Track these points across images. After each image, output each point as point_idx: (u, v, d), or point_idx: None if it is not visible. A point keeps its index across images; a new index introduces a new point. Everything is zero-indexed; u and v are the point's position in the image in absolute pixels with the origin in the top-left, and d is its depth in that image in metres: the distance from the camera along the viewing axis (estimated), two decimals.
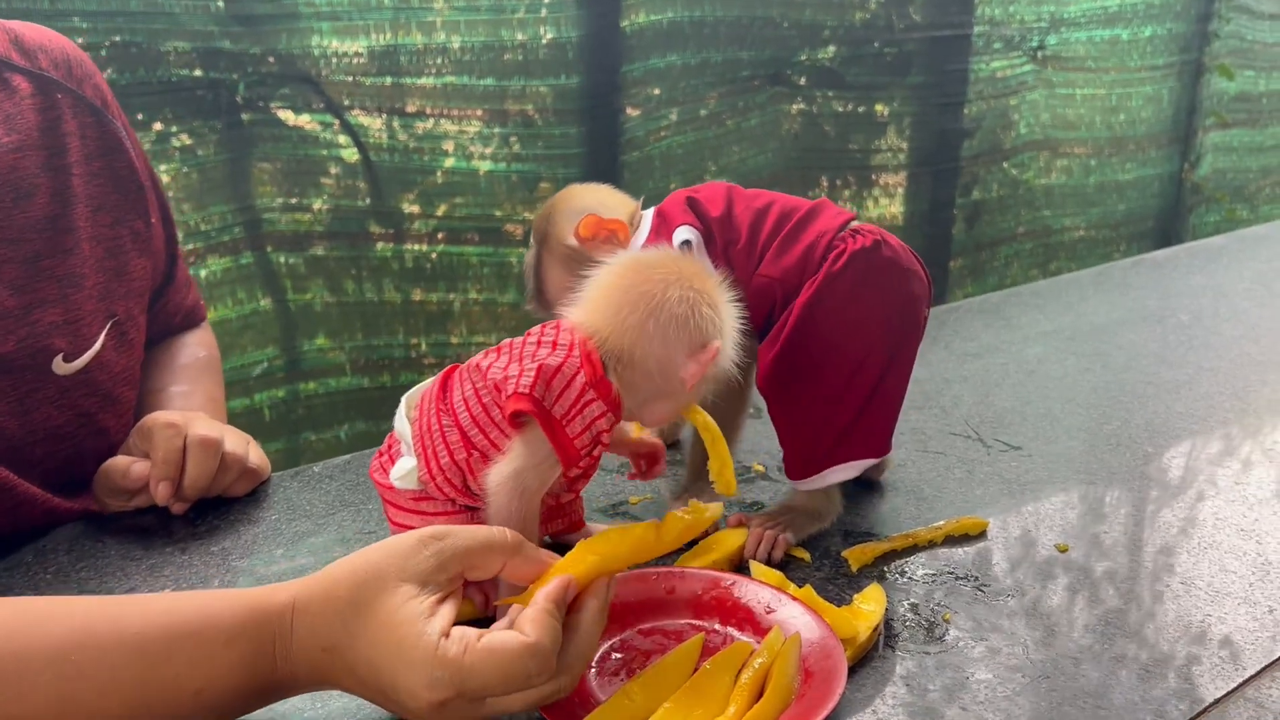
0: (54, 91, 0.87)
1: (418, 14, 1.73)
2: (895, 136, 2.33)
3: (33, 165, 0.84)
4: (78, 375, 0.86)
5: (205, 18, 1.58)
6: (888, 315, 0.82)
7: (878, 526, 0.85)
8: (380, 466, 0.74)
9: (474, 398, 0.69)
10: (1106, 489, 0.92)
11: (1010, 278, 2.60)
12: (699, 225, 0.83)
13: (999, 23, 2.35)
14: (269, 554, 0.80)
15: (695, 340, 0.68)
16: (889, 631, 0.71)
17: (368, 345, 1.87)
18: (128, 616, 0.56)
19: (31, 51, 0.87)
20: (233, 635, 0.56)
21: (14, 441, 0.83)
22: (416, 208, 1.83)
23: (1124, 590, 0.77)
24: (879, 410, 0.83)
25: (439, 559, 0.57)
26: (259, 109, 1.67)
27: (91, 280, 0.87)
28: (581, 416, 0.67)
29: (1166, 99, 2.72)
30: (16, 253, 0.82)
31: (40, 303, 0.83)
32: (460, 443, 0.68)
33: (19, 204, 0.82)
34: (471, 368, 0.71)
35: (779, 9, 2.08)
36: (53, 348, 0.84)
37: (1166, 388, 1.14)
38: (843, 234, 0.83)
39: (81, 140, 0.88)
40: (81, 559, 0.79)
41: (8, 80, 0.84)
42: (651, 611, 0.70)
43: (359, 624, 0.56)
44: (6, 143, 0.82)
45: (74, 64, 0.89)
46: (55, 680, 0.53)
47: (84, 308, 0.86)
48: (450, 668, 0.53)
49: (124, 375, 0.91)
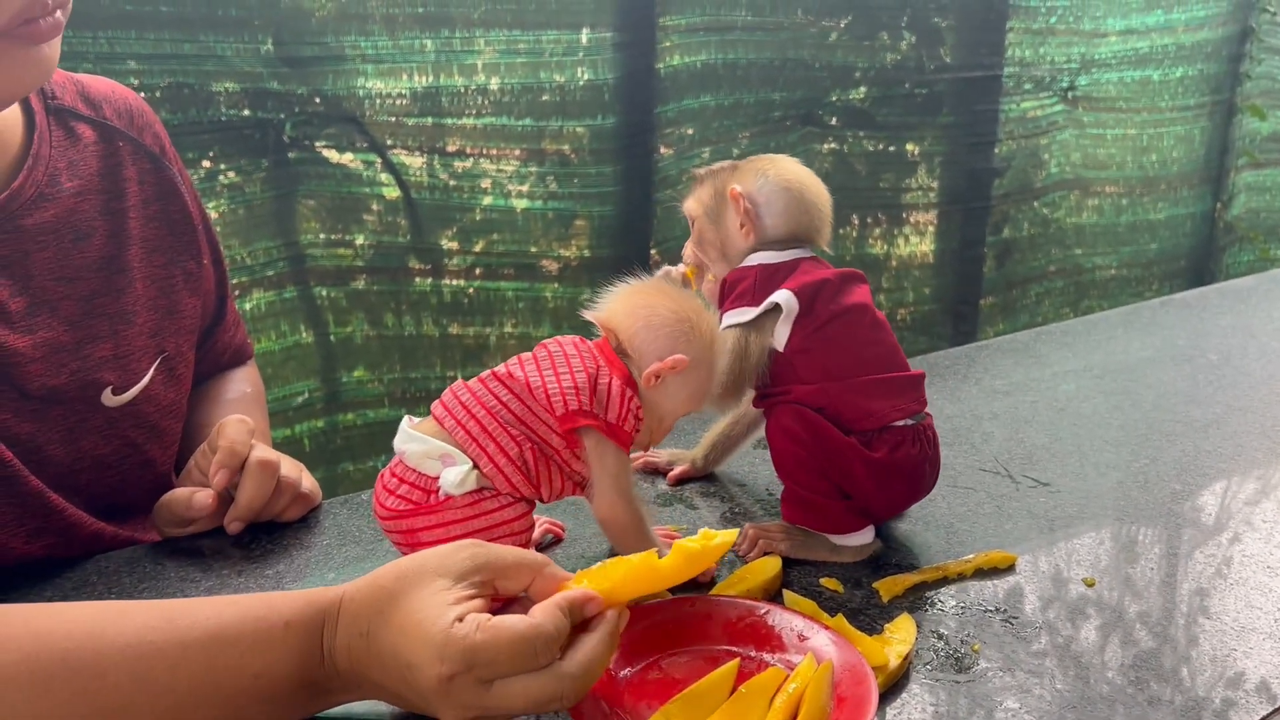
0: (116, 139, 0.92)
1: (459, 57, 1.78)
2: (926, 175, 2.36)
3: (92, 209, 0.89)
4: (126, 407, 0.90)
5: (255, 60, 1.64)
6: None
7: (908, 558, 0.87)
8: (404, 499, 0.75)
9: (514, 401, 0.76)
10: (1137, 527, 0.94)
11: (1041, 316, 2.61)
12: (802, 300, 0.85)
13: (1029, 64, 2.38)
14: (320, 577, 0.83)
15: (666, 349, 0.79)
16: (919, 661, 0.73)
17: (405, 378, 1.91)
18: (201, 606, 0.62)
19: (97, 102, 0.92)
20: (291, 621, 0.61)
21: (61, 468, 0.87)
22: (455, 244, 1.88)
23: (1157, 632, 0.78)
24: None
25: (474, 561, 0.62)
26: (305, 148, 1.72)
27: (143, 317, 0.92)
28: (628, 410, 0.78)
29: (1198, 139, 2.73)
30: (74, 290, 0.87)
31: (93, 338, 0.88)
32: (520, 437, 0.76)
33: (78, 245, 0.87)
34: (500, 377, 0.77)
35: (811, 51, 2.12)
36: (103, 381, 0.88)
37: (1196, 426, 1.16)
38: (905, 425, 0.85)
39: (140, 185, 0.93)
40: (143, 580, 0.82)
41: (74, 129, 0.89)
42: (688, 636, 0.73)
43: (393, 610, 0.60)
44: (69, 188, 0.87)
45: (135, 114, 0.95)
46: (133, 660, 0.58)
47: (134, 343, 0.91)
48: (462, 644, 0.57)
49: (171, 409, 0.95)
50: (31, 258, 0.84)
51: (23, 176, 0.84)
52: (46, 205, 0.85)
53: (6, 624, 0.58)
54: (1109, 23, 2.47)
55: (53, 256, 0.86)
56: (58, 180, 0.86)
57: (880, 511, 0.88)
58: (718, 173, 0.92)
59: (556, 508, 0.93)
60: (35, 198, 0.85)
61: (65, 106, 0.89)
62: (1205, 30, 2.60)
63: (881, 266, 2.36)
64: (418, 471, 0.75)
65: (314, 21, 1.66)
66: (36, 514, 0.84)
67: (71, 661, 0.57)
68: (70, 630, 0.59)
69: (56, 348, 0.85)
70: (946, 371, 1.31)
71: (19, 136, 0.86)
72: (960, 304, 2.47)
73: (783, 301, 0.84)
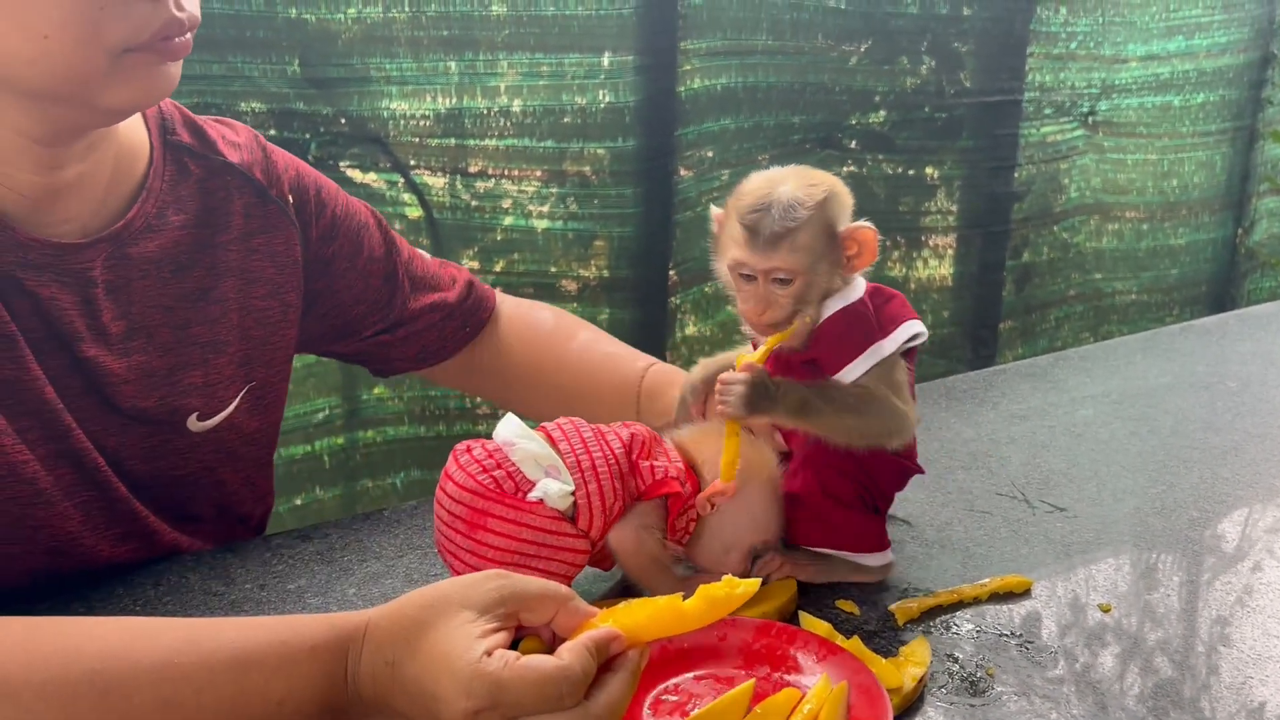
0: (224, 175, 0.94)
1: (482, 79, 1.80)
2: (945, 199, 2.36)
3: (193, 242, 0.91)
4: (208, 433, 0.92)
5: (281, 81, 1.66)
6: None
7: (924, 582, 0.87)
8: (496, 480, 0.76)
9: (615, 460, 0.79)
10: (1155, 554, 0.94)
11: (1061, 340, 2.60)
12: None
13: (1050, 89, 2.38)
14: (342, 593, 0.85)
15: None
16: (933, 684, 0.74)
17: (425, 395, 1.93)
18: (226, 628, 0.63)
19: (211, 140, 0.94)
20: (315, 646, 0.62)
21: (137, 482, 0.89)
22: (476, 263, 1.89)
23: (1177, 660, 0.78)
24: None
25: (500, 593, 0.62)
26: (329, 167, 1.74)
27: (235, 347, 0.94)
28: None
29: (1219, 165, 2.72)
30: (169, 319, 0.90)
31: (184, 365, 0.90)
32: (613, 489, 0.78)
33: (176, 275, 0.90)
34: (616, 432, 0.80)
35: (831, 75, 2.14)
36: (189, 407, 0.91)
37: (1214, 453, 1.16)
38: None
39: (245, 219, 0.95)
40: (168, 593, 0.84)
41: (185, 164, 0.92)
42: (704, 657, 0.73)
43: (419, 640, 0.61)
44: (175, 221, 0.90)
45: (245, 148, 0.96)
46: (160, 682, 0.60)
47: (224, 372, 0.93)
48: (489, 680, 0.58)
49: (253, 436, 0.98)
50: (133, 285, 0.87)
51: (135, 209, 0.87)
52: (152, 237, 0.88)
53: (37, 640, 0.60)
54: (1130, 48, 2.47)
55: (153, 285, 0.89)
56: (165, 214, 0.89)
57: (885, 504, 0.89)
58: (809, 220, 0.80)
59: None
60: (143, 229, 0.88)
61: (182, 143, 0.92)
62: (1227, 56, 2.61)
63: (900, 289, 2.34)
64: (516, 466, 0.76)
65: (340, 43, 1.68)
66: (124, 519, 0.88)
67: (99, 682, 0.59)
68: (100, 650, 0.60)
69: (149, 372, 0.88)
70: (964, 395, 1.31)
71: (141, 168, 0.89)
72: (979, 328, 2.46)
73: (921, 330, 0.84)
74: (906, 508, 1.01)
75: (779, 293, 0.80)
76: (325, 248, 1.02)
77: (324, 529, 0.95)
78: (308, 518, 1.75)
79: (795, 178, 0.81)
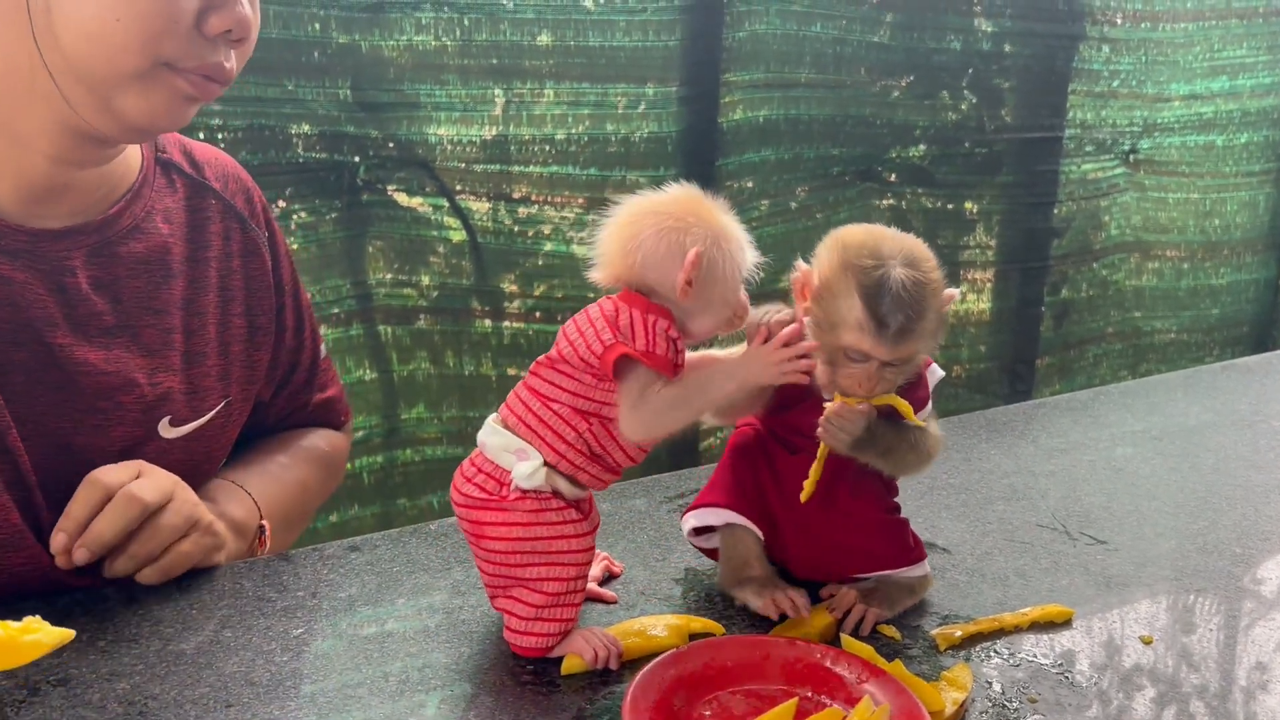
0: (208, 196, 1.00)
1: (527, 107, 1.83)
2: (984, 234, 2.37)
3: (180, 253, 0.96)
4: (177, 441, 0.95)
5: (332, 105, 1.70)
6: None
7: (965, 609, 0.88)
8: (480, 489, 0.78)
9: (562, 378, 0.78)
10: (1196, 594, 0.93)
11: (1099, 378, 2.59)
12: None
13: (1091, 126, 2.39)
14: (391, 603, 0.86)
15: (676, 257, 0.78)
16: (974, 710, 0.74)
17: (464, 416, 1.95)
18: None
19: (200, 164, 1.01)
20: None
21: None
22: (516, 287, 1.92)
23: (1214, 706, 0.77)
24: None
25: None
26: (376, 190, 1.78)
27: (213, 361, 0.98)
28: (655, 333, 0.77)
29: (1262, 205, 2.71)
30: (158, 322, 0.94)
31: (165, 368, 0.94)
32: (576, 415, 0.77)
33: (165, 282, 0.95)
34: (540, 366, 0.79)
35: (872, 108, 2.15)
36: (164, 410, 0.94)
37: (1257, 492, 1.15)
38: None
39: (224, 240, 1.00)
40: (222, 598, 0.86)
41: (174, 180, 0.98)
42: (746, 675, 0.74)
43: None
44: (163, 230, 0.95)
45: (230, 178, 1.03)
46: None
47: (201, 383, 0.97)
48: None
49: (211, 453, 1.00)
50: (123, 284, 0.91)
51: (121, 206, 0.92)
52: (139, 238, 0.93)
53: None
54: (1173, 87, 2.47)
55: (142, 287, 0.93)
56: (152, 219, 0.94)
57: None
58: (931, 306, 0.79)
59: (615, 548, 0.95)
60: (130, 228, 0.92)
61: (172, 161, 0.98)
62: (1271, 97, 2.60)
63: None
64: (494, 464, 0.78)
65: (391, 70, 1.72)
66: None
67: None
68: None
69: (129, 368, 0.91)
70: (1004, 428, 1.31)
71: (132, 177, 0.94)
72: (1017, 363, 2.46)
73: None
74: (946, 536, 1.01)
75: (889, 373, 0.80)
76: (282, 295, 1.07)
77: (373, 541, 0.97)
78: (345, 534, 1.78)
79: (906, 255, 0.80)
